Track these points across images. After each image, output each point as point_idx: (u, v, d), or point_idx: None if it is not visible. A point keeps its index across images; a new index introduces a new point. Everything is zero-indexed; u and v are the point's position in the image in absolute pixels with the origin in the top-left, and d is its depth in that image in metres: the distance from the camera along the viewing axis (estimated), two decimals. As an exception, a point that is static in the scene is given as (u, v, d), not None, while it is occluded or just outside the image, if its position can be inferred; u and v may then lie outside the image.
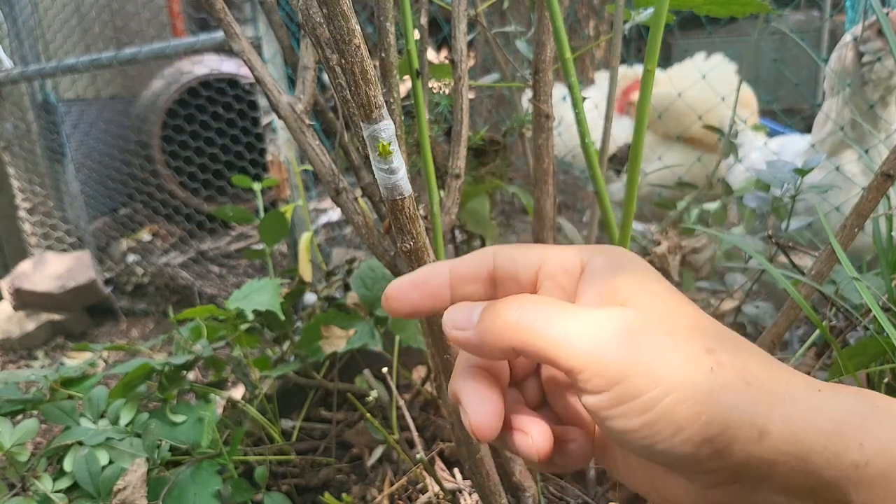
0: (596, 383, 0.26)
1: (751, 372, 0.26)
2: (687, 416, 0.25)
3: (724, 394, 0.25)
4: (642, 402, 0.25)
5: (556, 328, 0.27)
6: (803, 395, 0.26)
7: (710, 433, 0.25)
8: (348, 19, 0.32)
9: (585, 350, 0.26)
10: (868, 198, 0.62)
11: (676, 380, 0.25)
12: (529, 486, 0.67)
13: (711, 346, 0.26)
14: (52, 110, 2.19)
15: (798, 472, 0.25)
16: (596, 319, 0.27)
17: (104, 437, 0.77)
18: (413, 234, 0.40)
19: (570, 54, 0.57)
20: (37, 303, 1.97)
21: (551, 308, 0.28)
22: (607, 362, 0.26)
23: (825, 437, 0.25)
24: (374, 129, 0.33)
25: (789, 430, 0.25)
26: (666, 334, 0.26)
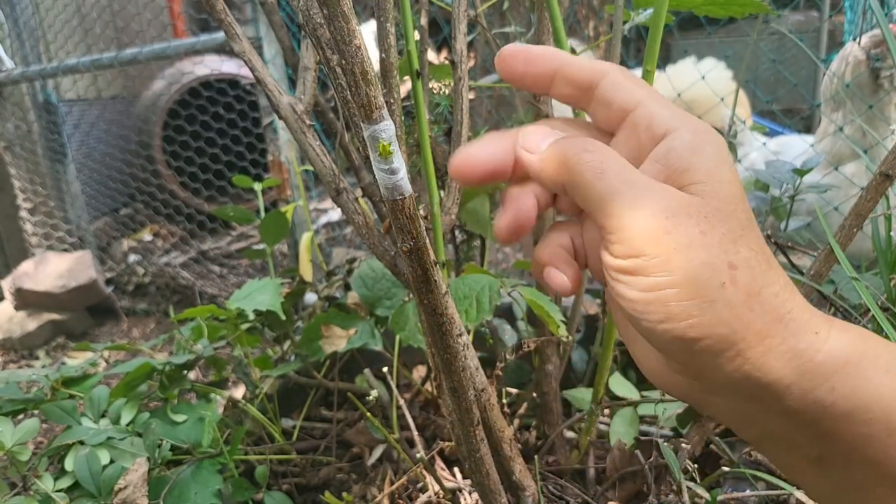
0: (619, 248, 0.27)
1: (760, 299, 0.26)
2: (679, 312, 0.26)
3: (722, 310, 0.26)
4: (648, 282, 0.27)
5: (607, 183, 0.28)
6: (798, 332, 0.27)
7: (690, 336, 0.26)
8: (349, 20, 0.33)
9: (623, 215, 0.27)
10: (867, 198, 0.62)
11: (686, 277, 0.26)
12: (529, 485, 0.67)
13: (737, 262, 0.26)
14: (53, 111, 2.19)
15: (759, 392, 0.27)
16: (645, 189, 0.27)
17: (105, 436, 0.77)
18: (413, 234, 0.40)
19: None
20: (38, 302, 1.97)
21: (612, 162, 0.28)
22: (635, 236, 0.27)
23: (798, 373, 0.26)
24: (375, 129, 0.34)
25: (764, 360, 0.26)
26: (701, 232, 0.26)
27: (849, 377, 0.26)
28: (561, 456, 0.84)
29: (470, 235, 1.00)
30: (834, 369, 0.26)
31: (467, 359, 0.60)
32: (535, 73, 0.32)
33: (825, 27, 2.84)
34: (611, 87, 0.31)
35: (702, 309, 0.26)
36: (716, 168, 0.28)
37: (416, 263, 0.42)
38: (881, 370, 0.27)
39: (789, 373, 0.26)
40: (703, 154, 0.28)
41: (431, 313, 0.45)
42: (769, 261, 0.28)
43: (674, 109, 0.30)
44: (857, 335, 0.28)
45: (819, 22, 2.94)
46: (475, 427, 0.58)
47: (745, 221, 0.28)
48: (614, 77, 0.31)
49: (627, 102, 0.30)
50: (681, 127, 0.29)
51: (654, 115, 0.30)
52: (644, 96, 0.30)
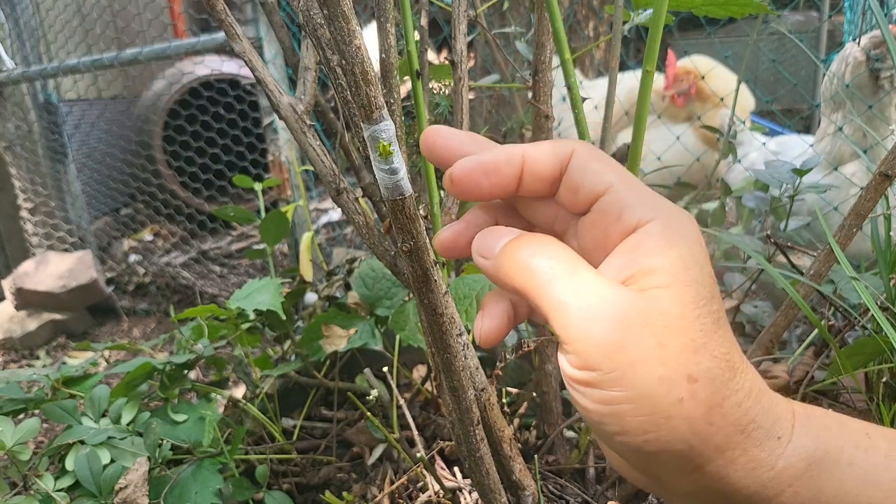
0: (574, 359, 0.26)
1: (722, 411, 0.25)
2: (636, 428, 0.25)
3: (679, 426, 0.25)
4: (603, 395, 0.26)
5: (559, 292, 0.26)
6: (761, 441, 0.26)
7: (648, 450, 0.26)
8: (349, 20, 0.33)
9: (576, 327, 0.26)
10: (866, 198, 0.62)
11: (642, 393, 0.25)
12: (529, 484, 0.67)
13: (697, 374, 0.25)
14: (53, 111, 2.19)
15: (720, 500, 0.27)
16: (599, 298, 0.26)
17: (106, 436, 0.77)
18: (413, 234, 0.40)
19: (569, 55, 0.57)
20: (39, 302, 1.97)
21: (564, 266, 0.27)
22: (590, 349, 0.25)
23: (759, 483, 0.26)
24: (375, 129, 0.34)
25: (724, 473, 0.26)
26: (659, 345, 0.25)
27: (811, 480, 0.26)
28: (561, 455, 0.84)
29: (470, 235, 1.00)
30: (796, 474, 0.26)
31: (467, 358, 0.60)
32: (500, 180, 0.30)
33: (825, 27, 2.84)
34: (579, 172, 0.29)
35: (658, 425, 0.25)
36: (684, 270, 0.26)
37: (416, 263, 0.42)
38: (844, 464, 0.26)
39: (750, 483, 0.26)
40: (672, 254, 0.26)
41: (431, 313, 0.45)
42: (734, 366, 0.26)
43: (646, 196, 0.28)
44: (820, 428, 0.27)
45: (819, 22, 2.94)
46: (475, 426, 0.58)
47: (710, 326, 0.26)
48: (581, 160, 0.29)
49: (596, 187, 0.29)
50: (653, 219, 0.27)
51: (624, 205, 0.28)
52: (614, 181, 0.28)
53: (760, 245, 0.86)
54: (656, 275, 0.26)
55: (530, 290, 0.27)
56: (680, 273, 0.26)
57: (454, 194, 0.31)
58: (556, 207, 0.32)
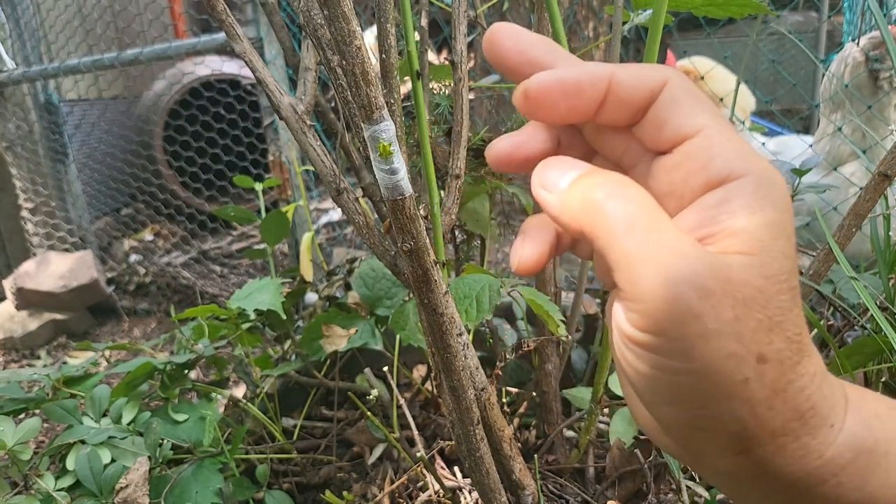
0: (638, 319, 0.24)
1: (785, 396, 0.24)
2: (691, 402, 0.24)
3: (739, 407, 0.23)
4: (665, 364, 0.23)
5: (635, 242, 0.23)
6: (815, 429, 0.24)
7: (696, 425, 0.24)
8: (349, 21, 0.33)
9: (649, 285, 0.23)
10: (866, 198, 0.62)
11: (708, 369, 0.23)
12: (529, 484, 0.67)
13: (768, 355, 0.23)
14: (54, 111, 2.20)
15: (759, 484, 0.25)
16: (680, 258, 0.23)
17: (106, 435, 0.77)
18: (413, 233, 0.40)
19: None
20: (39, 302, 1.97)
21: (644, 213, 0.24)
22: (661, 311, 0.23)
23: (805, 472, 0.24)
24: (375, 129, 0.34)
25: (771, 458, 0.24)
26: (735, 318, 0.22)
27: (857, 471, 0.24)
28: (561, 455, 0.84)
29: (470, 235, 1.00)
30: (843, 464, 0.24)
31: (467, 358, 0.61)
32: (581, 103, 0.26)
33: (824, 28, 2.84)
34: (669, 106, 0.25)
35: (717, 403, 0.23)
36: (771, 239, 0.23)
37: (417, 263, 0.42)
38: (892, 455, 0.25)
39: (795, 470, 0.24)
40: (762, 218, 0.23)
41: (431, 313, 0.46)
42: (803, 348, 0.24)
43: (740, 147, 0.25)
44: (873, 417, 0.25)
45: (818, 22, 2.94)
46: (475, 426, 0.58)
47: (788, 303, 0.23)
48: (675, 92, 0.26)
49: (686, 128, 0.25)
50: (744, 175, 0.24)
51: (714, 153, 0.24)
52: (707, 123, 0.25)
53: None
54: (741, 238, 0.23)
55: (601, 235, 0.24)
56: (767, 241, 0.23)
57: (524, 112, 0.27)
58: (629, 139, 0.28)
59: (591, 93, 0.26)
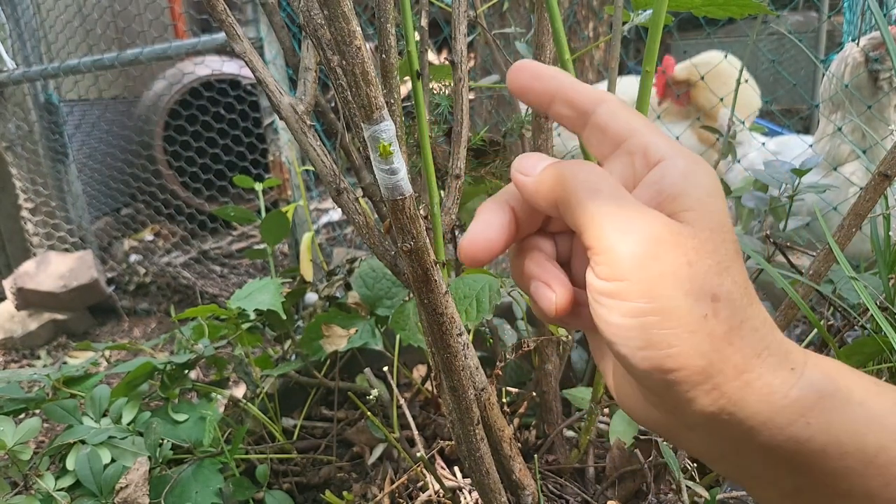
0: (604, 270, 0.27)
1: (741, 333, 0.26)
2: (659, 340, 0.26)
3: (703, 341, 0.26)
4: (630, 308, 0.26)
5: (599, 203, 0.28)
6: (775, 369, 0.27)
7: (668, 366, 0.26)
8: (349, 21, 0.33)
9: (611, 238, 0.27)
10: (866, 198, 0.62)
11: (668, 308, 0.26)
12: (529, 484, 0.67)
13: (720, 294, 0.26)
14: (54, 111, 2.20)
15: (734, 428, 0.27)
16: (637, 213, 0.27)
17: (106, 435, 0.77)
18: (413, 234, 0.40)
19: (569, 55, 0.58)
20: (39, 302, 1.97)
21: (606, 185, 0.28)
22: (622, 259, 0.26)
23: (773, 410, 0.27)
24: (375, 129, 0.34)
25: (740, 395, 0.26)
26: (688, 262, 0.26)
27: (823, 412, 0.26)
28: (561, 455, 0.84)
29: (470, 235, 1.00)
30: (809, 405, 0.26)
31: (467, 358, 0.61)
32: (538, 88, 0.33)
33: (824, 28, 2.84)
34: (607, 115, 0.31)
35: (682, 339, 0.26)
36: (707, 197, 0.28)
37: (417, 263, 0.42)
38: (855, 403, 0.27)
39: (764, 408, 0.26)
40: (696, 181, 0.28)
41: (431, 313, 0.46)
42: (751, 295, 0.28)
43: (669, 139, 0.30)
44: (832, 368, 0.28)
45: (818, 22, 2.94)
46: (475, 426, 0.58)
47: (733, 253, 0.28)
48: (612, 105, 0.31)
49: (623, 131, 0.31)
50: (675, 155, 0.29)
51: (649, 142, 0.30)
52: (640, 126, 0.30)
53: (760, 245, 0.86)
54: (683, 199, 0.28)
55: (571, 201, 0.29)
56: (704, 199, 0.28)
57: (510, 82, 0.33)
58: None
59: (549, 82, 0.32)
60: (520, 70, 0.33)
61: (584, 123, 0.32)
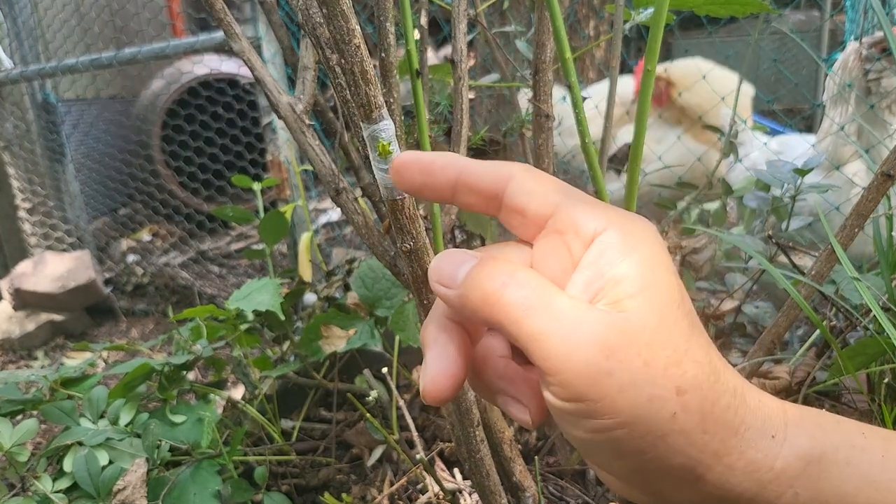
0: (560, 391, 0.25)
1: (714, 417, 0.25)
2: (632, 450, 0.25)
3: (676, 440, 0.25)
4: (596, 424, 0.25)
5: (536, 322, 0.25)
6: (755, 441, 0.26)
7: (648, 468, 0.26)
8: (348, 19, 0.32)
9: (559, 357, 0.25)
10: (868, 198, 0.62)
11: (635, 417, 0.25)
12: (529, 486, 0.67)
13: (685, 386, 0.25)
14: (52, 110, 2.19)
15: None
16: (579, 324, 0.25)
17: (104, 437, 0.77)
18: (413, 234, 0.40)
19: (570, 54, 0.57)
20: (37, 303, 1.97)
21: (538, 294, 0.26)
22: (574, 380, 0.25)
23: (760, 485, 0.26)
24: (374, 129, 0.34)
25: (725, 479, 0.26)
26: (644, 363, 0.25)
27: (810, 480, 0.26)
28: (561, 457, 0.84)
29: (470, 235, 1.00)
30: (796, 475, 0.26)
31: (467, 359, 0.60)
32: (434, 184, 0.30)
33: (826, 27, 2.84)
34: (520, 194, 0.28)
35: (655, 444, 0.25)
36: (651, 273, 0.26)
37: (416, 263, 0.42)
38: (841, 464, 0.26)
39: (751, 486, 0.26)
40: (636, 258, 0.26)
41: (431, 314, 0.45)
42: (716, 368, 0.26)
43: (596, 206, 0.28)
44: (815, 427, 0.27)
45: (820, 21, 2.94)
46: (475, 428, 0.57)
47: (688, 329, 0.26)
48: (521, 182, 0.28)
49: (543, 208, 0.28)
50: (608, 227, 0.27)
51: (576, 217, 0.27)
52: (560, 199, 0.28)
53: (762, 245, 0.86)
54: (624, 283, 0.26)
55: (505, 323, 0.26)
56: (648, 276, 0.26)
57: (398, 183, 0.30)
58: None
59: (442, 174, 0.29)
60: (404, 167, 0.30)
61: (497, 206, 0.29)
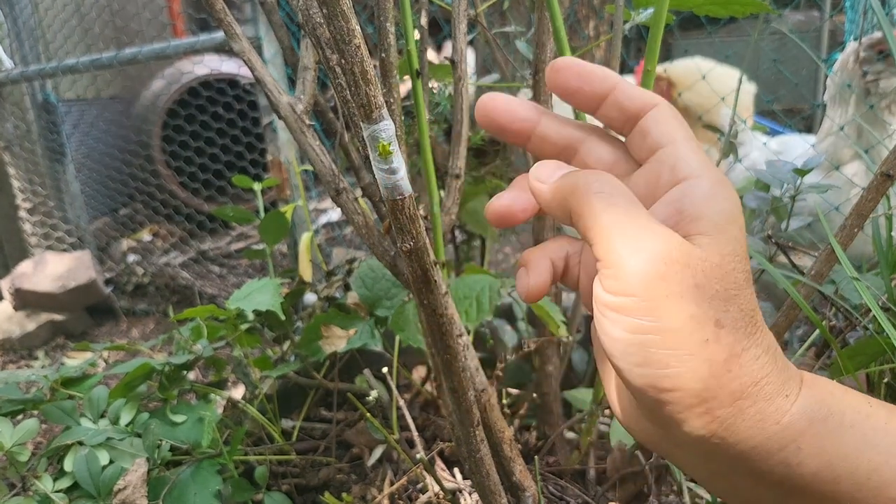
0: (612, 284, 0.27)
1: (740, 361, 0.26)
2: (657, 360, 0.26)
3: (701, 366, 0.26)
4: (633, 324, 0.26)
5: (614, 217, 0.27)
6: (770, 397, 0.27)
7: (664, 385, 0.26)
8: (348, 19, 0.32)
9: (622, 252, 0.27)
10: (868, 198, 0.62)
11: (672, 327, 0.26)
12: (529, 485, 0.67)
13: (724, 321, 0.26)
14: (52, 110, 2.19)
15: (724, 451, 0.27)
16: (650, 231, 0.27)
17: (104, 436, 0.77)
18: (413, 234, 0.40)
19: (570, 55, 0.57)
20: (37, 303, 1.97)
21: (621, 198, 0.28)
22: (630, 275, 0.26)
23: (764, 436, 0.27)
24: (374, 129, 0.34)
25: (732, 421, 0.27)
26: (696, 285, 0.26)
27: (815, 437, 0.27)
28: (561, 456, 0.84)
29: (470, 235, 1.00)
30: (800, 430, 0.27)
31: (467, 359, 0.60)
32: (588, 91, 0.32)
33: (826, 27, 2.84)
34: (652, 120, 0.31)
35: (681, 361, 0.26)
36: (725, 223, 0.28)
37: (416, 263, 0.42)
38: (846, 426, 0.27)
39: (755, 434, 0.27)
40: (717, 207, 0.28)
41: (431, 314, 0.45)
42: (756, 323, 0.27)
43: (702, 157, 0.30)
44: (825, 391, 0.28)
45: (820, 22, 2.94)
46: (475, 428, 0.57)
47: (742, 282, 0.27)
48: (661, 111, 0.31)
49: (663, 137, 0.31)
50: (702, 175, 0.29)
51: (680, 156, 0.30)
52: (680, 137, 0.30)
53: (762, 245, 0.86)
54: (701, 222, 0.28)
55: (585, 213, 0.28)
56: (723, 225, 0.28)
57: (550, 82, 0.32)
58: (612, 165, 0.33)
59: (598, 85, 0.32)
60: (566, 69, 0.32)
61: (631, 127, 0.32)
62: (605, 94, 0.32)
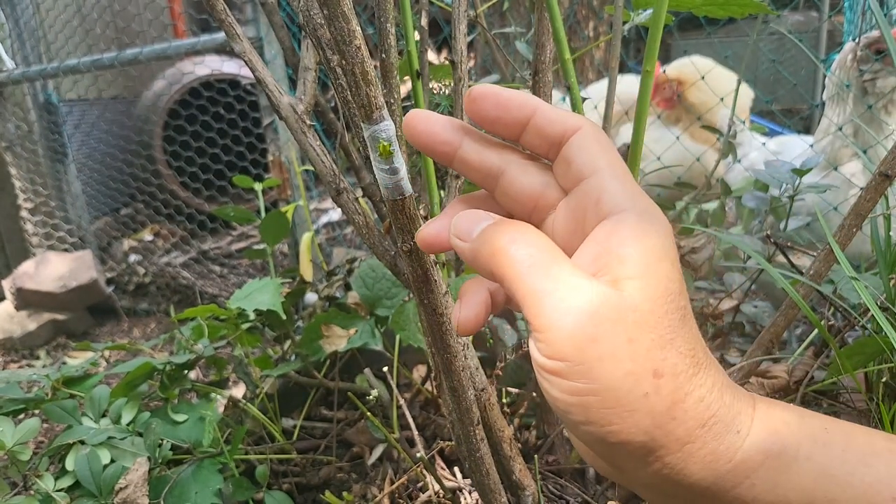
0: (544, 348, 0.27)
1: (684, 406, 0.26)
2: (600, 419, 0.26)
3: (643, 419, 0.26)
4: (571, 386, 0.26)
5: (536, 280, 0.27)
6: (720, 435, 0.27)
7: (611, 440, 0.26)
8: (349, 20, 0.33)
9: (549, 317, 0.26)
10: (866, 198, 0.62)
11: (609, 387, 0.25)
12: (529, 484, 0.67)
13: (663, 370, 0.26)
14: (53, 111, 2.19)
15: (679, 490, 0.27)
16: (574, 290, 0.26)
17: (106, 436, 0.77)
18: (413, 234, 0.40)
19: (569, 55, 0.57)
20: (39, 302, 1.97)
21: (542, 255, 0.27)
22: (560, 340, 0.26)
23: (717, 475, 0.27)
24: (375, 129, 0.34)
25: (683, 465, 0.26)
26: (629, 340, 0.26)
27: (768, 472, 0.26)
28: (561, 455, 0.84)
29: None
30: (753, 467, 0.26)
31: (467, 358, 0.60)
32: (508, 119, 0.31)
33: (824, 27, 2.84)
34: (576, 147, 0.30)
35: (622, 417, 0.26)
36: (654, 263, 0.27)
37: (416, 263, 0.42)
38: (802, 459, 0.27)
39: (708, 475, 0.26)
40: (644, 245, 0.27)
41: (431, 313, 0.45)
42: (698, 362, 0.27)
43: (627, 186, 0.29)
44: (780, 423, 0.28)
45: (818, 22, 2.94)
46: (475, 426, 0.58)
47: (678, 322, 0.27)
48: (583, 138, 0.30)
49: (585, 168, 0.29)
50: (627, 209, 0.28)
51: (604, 190, 0.28)
52: (603, 166, 0.29)
53: (760, 245, 0.86)
54: (628, 264, 0.27)
55: (507, 277, 0.28)
56: (652, 265, 0.27)
57: (468, 112, 0.31)
58: (536, 196, 0.32)
59: (517, 112, 0.31)
60: (480, 98, 0.30)
61: (556, 153, 0.31)
62: (525, 120, 0.30)
